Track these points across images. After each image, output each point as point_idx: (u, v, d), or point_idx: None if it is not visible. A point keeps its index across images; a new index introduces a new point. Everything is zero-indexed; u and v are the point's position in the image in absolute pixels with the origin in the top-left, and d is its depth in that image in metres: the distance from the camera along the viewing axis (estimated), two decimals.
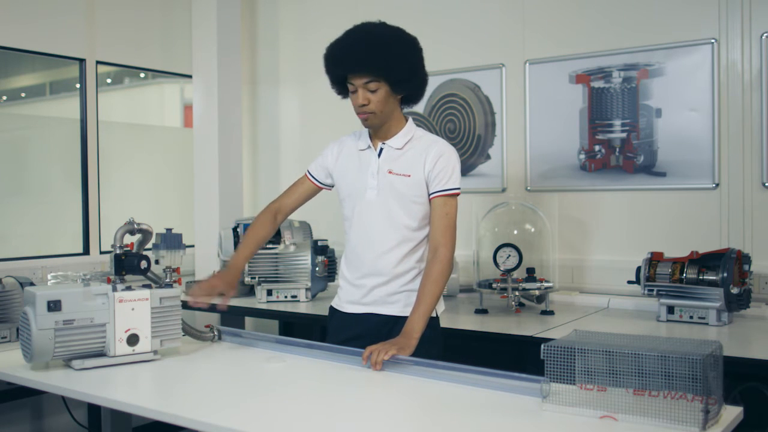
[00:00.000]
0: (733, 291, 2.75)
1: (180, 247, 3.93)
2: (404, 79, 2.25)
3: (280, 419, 1.71)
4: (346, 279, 2.43)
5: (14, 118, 4.16)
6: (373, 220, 2.33)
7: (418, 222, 2.32)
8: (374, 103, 2.24)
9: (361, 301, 2.37)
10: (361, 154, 2.39)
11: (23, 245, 3.99)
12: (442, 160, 2.28)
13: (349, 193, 2.39)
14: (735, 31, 3.20)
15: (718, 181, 3.26)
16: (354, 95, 2.25)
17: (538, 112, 3.72)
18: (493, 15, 3.86)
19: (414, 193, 2.29)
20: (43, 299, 2.06)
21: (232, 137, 4.55)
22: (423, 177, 2.29)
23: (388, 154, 2.34)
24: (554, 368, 1.67)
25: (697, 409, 1.50)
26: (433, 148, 2.30)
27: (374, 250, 2.33)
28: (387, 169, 2.32)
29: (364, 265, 2.35)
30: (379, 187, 2.32)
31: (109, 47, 4.30)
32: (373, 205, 2.32)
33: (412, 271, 2.33)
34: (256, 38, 4.89)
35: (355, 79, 2.22)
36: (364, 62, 2.20)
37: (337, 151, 2.45)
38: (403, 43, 2.27)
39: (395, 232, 2.31)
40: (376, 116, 2.27)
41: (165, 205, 4.68)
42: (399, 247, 2.31)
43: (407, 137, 2.34)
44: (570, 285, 3.57)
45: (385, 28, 2.27)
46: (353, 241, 2.39)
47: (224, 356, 2.34)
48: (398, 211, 2.30)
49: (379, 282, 2.33)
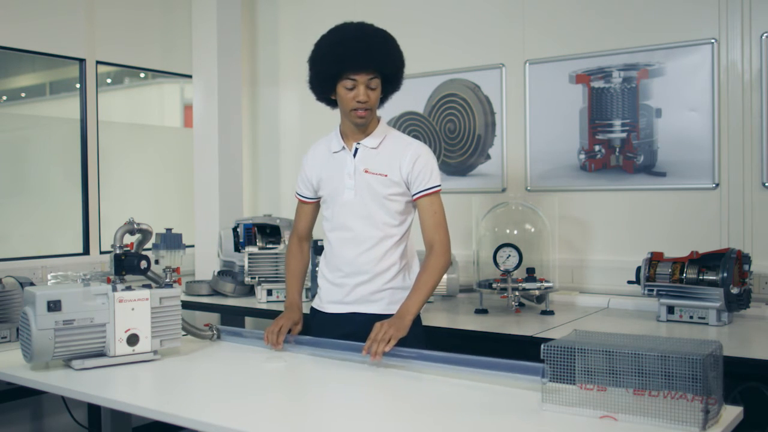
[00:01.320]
0: (733, 291, 2.75)
1: (180, 247, 3.94)
2: (397, 78, 2.34)
3: (279, 419, 1.71)
4: (327, 279, 2.45)
5: (14, 118, 4.16)
6: (352, 219, 2.36)
7: (398, 218, 2.35)
8: (373, 100, 2.29)
9: (344, 300, 2.39)
10: (335, 156, 2.42)
11: (23, 245, 3.99)
12: (419, 161, 2.32)
13: (328, 195, 2.43)
14: (735, 31, 3.20)
15: (718, 181, 3.26)
16: (352, 92, 2.27)
17: (538, 112, 3.72)
18: (493, 15, 3.86)
19: (389, 191, 2.34)
20: (43, 299, 2.06)
21: (232, 137, 4.55)
22: (400, 178, 2.32)
23: (363, 153, 2.37)
24: (554, 368, 1.67)
25: (697, 409, 1.50)
26: (409, 151, 2.33)
27: (355, 249, 2.35)
28: (363, 168, 2.35)
29: (345, 264, 2.38)
30: (356, 187, 2.35)
31: (109, 47, 4.30)
32: (351, 204, 2.36)
33: (394, 267, 2.36)
34: (256, 38, 4.89)
35: (359, 75, 2.24)
36: (373, 59, 2.24)
37: (311, 159, 2.49)
38: (395, 42, 2.34)
39: (375, 230, 2.34)
40: (371, 113, 2.31)
41: (165, 205, 4.68)
42: (380, 244, 2.34)
43: (381, 136, 2.38)
44: (570, 285, 3.57)
45: (375, 27, 2.32)
46: (333, 241, 2.42)
47: (224, 356, 2.34)
48: (376, 209, 2.33)
49: (361, 280, 2.36)
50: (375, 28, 2.32)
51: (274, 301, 3.61)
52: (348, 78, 2.26)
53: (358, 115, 2.29)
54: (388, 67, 2.29)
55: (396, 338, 2.11)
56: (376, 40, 2.27)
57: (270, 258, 3.62)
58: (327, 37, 2.32)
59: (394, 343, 2.10)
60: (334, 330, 2.38)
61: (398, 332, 2.13)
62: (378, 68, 2.26)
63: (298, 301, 2.50)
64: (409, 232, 2.42)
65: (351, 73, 2.25)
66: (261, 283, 3.61)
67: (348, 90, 2.27)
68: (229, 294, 3.80)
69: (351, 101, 2.28)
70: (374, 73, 2.26)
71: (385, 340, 2.09)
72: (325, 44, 2.31)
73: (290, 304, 2.48)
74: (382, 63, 2.26)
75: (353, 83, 2.26)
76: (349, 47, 2.25)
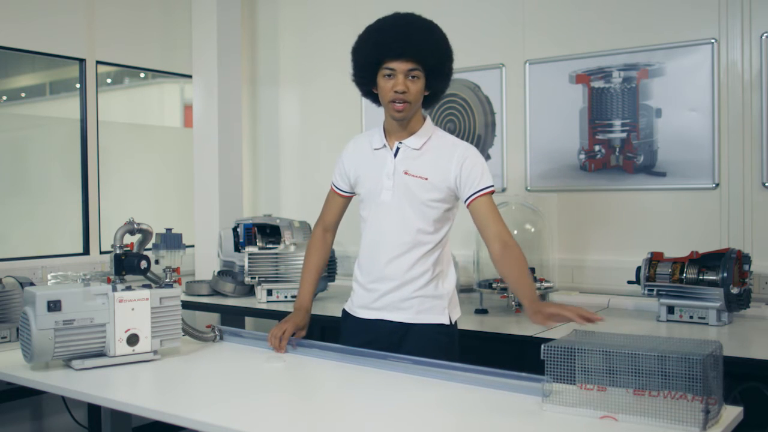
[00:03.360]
0: (733, 291, 2.75)
1: (180, 247, 3.94)
2: (442, 74, 2.20)
3: (280, 419, 1.71)
4: (359, 282, 2.36)
5: (14, 118, 4.16)
6: (386, 222, 2.25)
7: (433, 225, 2.23)
8: (413, 92, 2.16)
9: (372, 306, 2.30)
10: (376, 153, 2.30)
11: (23, 245, 3.99)
12: (468, 162, 2.20)
13: (365, 195, 2.32)
14: (735, 31, 3.20)
15: (718, 181, 3.26)
16: (391, 80, 2.15)
17: (538, 112, 3.72)
18: (493, 15, 3.86)
19: (429, 196, 2.21)
20: (43, 299, 2.06)
21: (232, 137, 4.55)
22: (444, 183, 2.21)
23: (405, 153, 2.25)
24: (554, 368, 1.67)
25: (697, 409, 1.50)
26: (456, 153, 2.21)
27: (386, 254, 2.25)
28: (403, 169, 2.23)
29: (375, 269, 2.28)
30: (394, 189, 2.24)
31: (109, 47, 4.30)
32: (388, 206, 2.25)
33: (426, 275, 2.24)
34: (256, 38, 4.89)
35: (399, 64, 2.13)
36: (411, 46, 2.12)
37: (351, 152, 2.38)
38: (441, 32, 2.22)
39: (408, 236, 2.22)
40: (410, 107, 2.18)
41: (165, 205, 4.68)
42: (411, 251, 2.23)
43: (425, 137, 2.25)
44: (570, 285, 3.57)
45: (421, 17, 2.20)
46: (366, 243, 2.32)
47: (224, 356, 2.34)
48: (411, 214, 2.22)
49: (390, 287, 2.26)
50: (420, 17, 2.19)
51: (274, 301, 3.61)
52: (386, 67, 2.14)
53: (395, 108, 2.16)
54: (430, 57, 2.14)
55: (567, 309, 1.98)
56: (417, 27, 2.15)
57: (270, 258, 3.62)
58: (370, 25, 2.22)
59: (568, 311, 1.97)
60: (362, 336, 2.30)
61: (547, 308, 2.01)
62: (417, 57, 2.12)
63: (307, 304, 2.42)
64: (446, 240, 2.30)
65: (389, 60, 2.13)
66: (261, 283, 3.61)
67: (387, 79, 2.16)
68: (229, 294, 3.80)
69: (389, 92, 2.15)
70: (414, 63, 2.13)
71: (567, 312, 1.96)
72: (366, 32, 2.21)
73: (299, 307, 2.40)
74: (422, 52, 2.12)
75: (391, 72, 2.14)
76: (388, 33, 2.14)
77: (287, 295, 3.61)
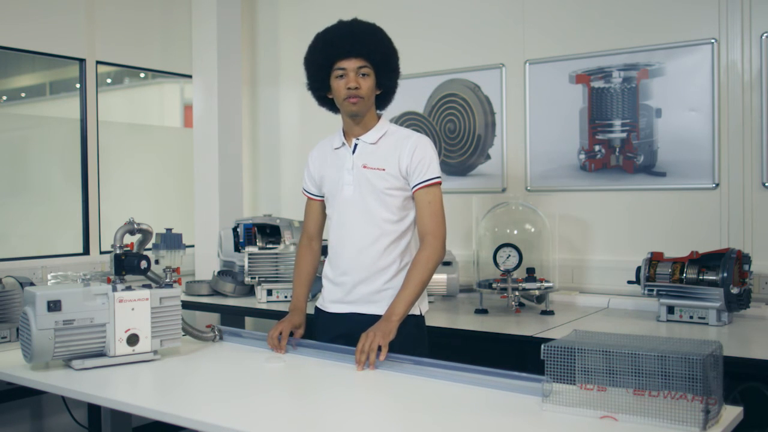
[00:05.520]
0: (733, 291, 2.75)
1: (180, 247, 3.94)
2: (389, 70, 2.33)
3: (280, 419, 1.71)
4: (328, 278, 2.45)
5: (14, 118, 4.16)
6: (350, 215, 2.35)
7: (397, 213, 2.33)
8: (365, 88, 2.28)
9: (344, 300, 2.38)
10: (336, 152, 2.42)
11: (23, 245, 3.99)
12: (417, 152, 2.30)
13: (329, 193, 2.43)
14: (735, 31, 3.20)
15: (718, 181, 3.26)
16: (343, 80, 2.28)
17: (538, 112, 3.72)
18: (493, 15, 3.86)
19: (388, 185, 2.31)
20: (43, 299, 2.06)
21: (232, 137, 4.55)
22: (398, 171, 2.30)
23: (362, 149, 2.36)
24: (554, 368, 1.67)
25: (697, 409, 1.50)
26: (408, 142, 2.32)
27: (353, 246, 2.34)
28: (362, 163, 2.34)
29: (343, 262, 2.36)
30: (355, 183, 2.34)
31: (109, 47, 4.30)
32: (351, 201, 2.35)
33: (393, 266, 2.33)
34: (256, 38, 4.89)
35: (349, 62, 2.26)
36: (358, 44, 2.25)
37: (315, 156, 2.51)
38: (383, 32, 2.35)
39: (374, 227, 2.32)
40: (364, 102, 2.30)
41: (165, 205, 4.68)
42: (378, 241, 2.32)
43: (381, 132, 2.37)
44: (570, 285, 3.57)
45: (368, 22, 2.35)
46: (333, 239, 2.42)
47: (224, 356, 2.34)
48: (375, 205, 2.32)
49: (360, 278, 2.33)
50: (364, 21, 2.35)
51: (274, 301, 3.61)
52: (338, 67, 2.27)
53: (350, 102, 2.28)
54: (376, 53, 2.27)
55: (385, 344, 2.08)
56: (362, 28, 2.31)
57: (270, 258, 3.62)
58: (318, 33, 2.36)
59: (386, 350, 2.07)
60: (335, 329, 2.38)
61: (385, 338, 2.09)
62: (365, 54, 2.26)
63: (302, 305, 2.48)
64: (412, 231, 2.39)
65: (339, 60, 2.27)
66: (261, 283, 3.61)
67: (339, 80, 2.29)
68: (229, 294, 3.80)
69: (342, 90, 2.28)
70: (363, 61, 2.26)
71: (373, 349, 2.07)
72: (315, 39, 2.36)
73: (294, 307, 2.47)
74: (368, 49, 2.26)
75: (343, 72, 2.27)
76: (336, 36, 2.29)
77: (287, 295, 3.61)
